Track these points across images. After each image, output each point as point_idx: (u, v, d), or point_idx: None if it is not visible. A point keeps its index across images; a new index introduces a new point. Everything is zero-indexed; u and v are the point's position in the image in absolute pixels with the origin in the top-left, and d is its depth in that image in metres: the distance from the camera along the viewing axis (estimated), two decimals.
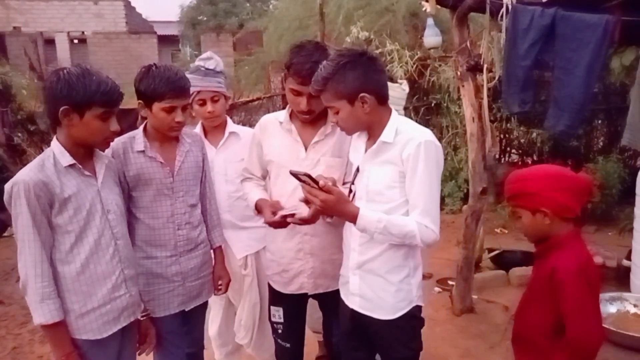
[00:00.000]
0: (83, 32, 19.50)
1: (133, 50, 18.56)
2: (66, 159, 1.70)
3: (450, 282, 3.97)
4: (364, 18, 8.49)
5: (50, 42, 18.74)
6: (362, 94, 1.70)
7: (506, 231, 5.38)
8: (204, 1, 24.27)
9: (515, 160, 6.28)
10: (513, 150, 6.34)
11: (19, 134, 6.29)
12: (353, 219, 1.69)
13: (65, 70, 1.66)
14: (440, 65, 5.56)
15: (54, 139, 1.74)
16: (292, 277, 2.13)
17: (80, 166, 1.73)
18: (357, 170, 1.83)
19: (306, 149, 2.04)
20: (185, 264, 2.09)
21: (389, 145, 1.75)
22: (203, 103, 2.42)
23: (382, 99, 1.76)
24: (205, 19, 23.68)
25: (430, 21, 3.16)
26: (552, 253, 1.64)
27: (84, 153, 1.77)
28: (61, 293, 1.69)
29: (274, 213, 1.97)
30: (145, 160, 1.99)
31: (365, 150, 1.83)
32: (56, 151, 1.70)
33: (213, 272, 2.26)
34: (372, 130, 1.80)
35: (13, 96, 6.65)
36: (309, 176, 1.65)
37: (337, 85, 1.70)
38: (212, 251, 2.27)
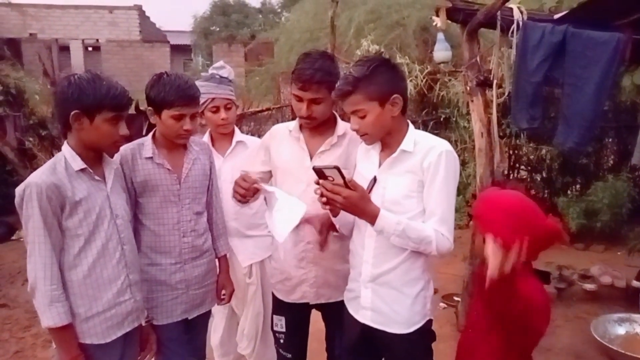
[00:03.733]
0: (97, 40, 19.75)
1: (145, 58, 18.73)
2: (77, 163, 1.73)
3: (455, 298, 3.94)
4: (374, 31, 8.55)
5: (64, 49, 18.99)
6: (395, 95, 1.71)
7: None
8: (217, 12, 24.55)
9: (524, 177, 6.24)
10: (522, 167, 6.30)
11: (30, 139, 6.36)
12: (373, 218, 1.67)
13: (76, 76, 1.70)
14: (449, 80, 5.56)
15: (65, 143, 1.77)
16: (294, 285, 2.13)
17: (91, 170, 1.76)
18: (374, 180, 1.82)
19: (312, 158, 2.05)
20: (189, 271, 2.09)
21: (409, 154, 1.76)
22: (217, 110, 2.46)
23: (406, 106, 1.78)
24: (217, 29, 23.92)
25: (440, 36, 3.17)
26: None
27: (94, 158, 1.80)
28: (68, 297, 1.70)
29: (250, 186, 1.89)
30: (153, 167, 2.00)
31: (380, 160, 1.83)
32: (67, 155, 1.73)
33: (217, 281, 2.26)
34: (391, 139, 1.80)
35: (26, 101, 6.75)
36: (338, 169, 1.59)
37: (369, 85, 1.70)
38: (216, 260, 2.27)
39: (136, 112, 2.40)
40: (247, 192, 1.91)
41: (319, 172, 1.63)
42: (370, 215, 1.68)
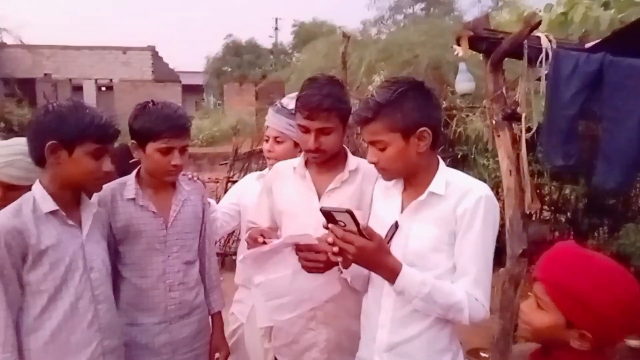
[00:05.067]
0: (111, 80, 20.10)
1: (157, 97, 18.79)
2: (48, 205, 1.47)
3: (482, 354, 3.56)
4: (386, 70, 8.44)
5: (78, 89, 19.29)
6: (422, 128, 1.43)
7: None
8: (229, 52, 25.02)
9: (548, 218, 5.89)
10: (544, 207, 5.96)
11: None
12: (392, 275, 1.36)
13: (55, 103, 1.48)
14: (467, 116, 5.33)
15: (36, 181, 1.52)
16: (302, 350, 1.81)
17: (63, 213, 1.50)
18: (395, 226, 1.51)
19: (320, 197, 1.76)
20: (176, 332, 1.79)
21: (439, 198, 1.46)
22: (267, 140, 2.21)
23: (437, 140, 1.49)
24: (229, 69, 24.30)
25: (462, 66, 2.93)
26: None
27: (70, 199, 1.54)
28: None
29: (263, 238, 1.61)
30: (135, 210, 1.74)
31: (402, 203, 1.53)
32: (37, 195, 1.49)
33: (210, 343, 1.94)
34: (416, 178, 1.51)
35: None
36: (351, 213, 1.28)
37: (392, 114, 1.42)
38: (209, 317, 1.96)
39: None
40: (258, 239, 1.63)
41: (328, 216, 1.33)
42: (389, 271, 1.36)
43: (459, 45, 2.89)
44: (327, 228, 1.33)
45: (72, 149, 1.47)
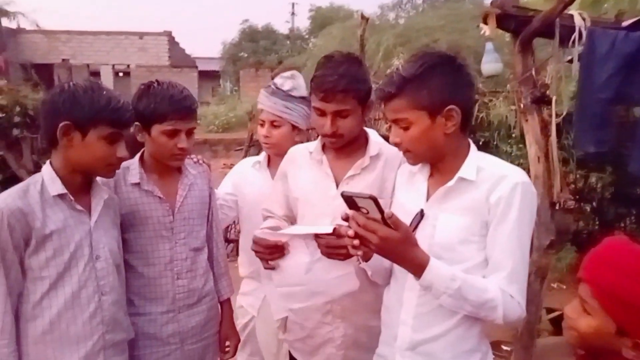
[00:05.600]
0: (128, 66, 20.14)
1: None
2: (56, 187, 1.41)
3: (505, 347, 3.44)
4: (403, 55, 8.26)
5: (96, 74, 19.38)
6: (450, 106, 1.29)
7: (564, 286, 4.78)
8: (245, 38, 24.84)
9: (572, 207, 5.69)
10: (569, 196, 5.77)
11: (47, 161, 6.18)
12: (418, 269, 1.22)
13: (71, 83, 1.41)
14: (490, 100, 5.14)
15: (47, 163, 1.46)
16: (317, 345, 1.71)
17: (71, 198, 1.42)
18: (421, 215, 1.37)
19: (338, 185, 1.64)
20: (184, 322, 1.71)
21: (470, 184, 1.32)
22: (262, 124, 2.06)
23: (467, 121, 1.36)
24: (245, 55, 24.14)
25: (489, 46, 2.76)
26: None
27: (81, 183, 1.47)
28: (20, 357, 1.36)
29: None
30: (140, 195, 1.65)
31: (428, 190, 1.40)
32: (46, 177, 1.42)
33: (219, 332, 1.86)
34: (444, 162, 1.38)
35: None
36: (375, 200, 1.15)
37: (418, 89, 1.29)
38: (219, 306, 1.88)
39: None
40: (271, 253, 1.52)
41: (349, 201, 1.20)
42: (415, 264, 1.23)
43: (485, 24, 2.73)
44: (346, 219, 1.21)
45: (86, 132, 1.40)
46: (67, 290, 1.41)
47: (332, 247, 1.38)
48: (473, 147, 1.39)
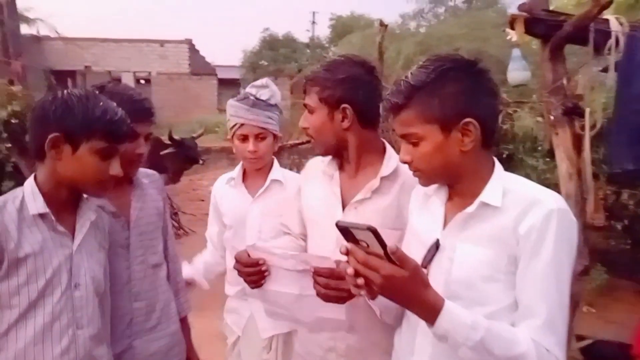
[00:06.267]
0: (149, 73, 20.37)
1: (192, 90, 19.19)
2: (37, 206, 1.26)
3: None
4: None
5: (117, 81, 19.64)
6: (466, 120, 1.10)
7: (594, 310, 4.50)
8: (266, 47, 24.97)
9: (602, 225, 5.40)
10: (603, 216, 5.49)
11: None
12: (431, 314, 1.01)
13: (65, 91, 1.28)
14: (515, 111, 4.90)
15: (31, 177, 1.32)
16: None
17: (53, 218, 1.27)
18: (436, 246, 1.18)
19: (344, 207, 1.46)
20: (142, 348, 1.55)
21: (495, 210, 1.12)
22: (245, 139, 1.92)
23: (490, 137, 1.15)
24: (266, 63, 24.23)
25: (516, 52, 2.55)
26: None
27: (66, 200, 1.33)
28: None
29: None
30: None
31: (446, 216, 1.21)
32: (27, 193, 1.28)
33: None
34: (462, 184, 1.18)
35: None
36: (374, 232, 0.96)
37: (428, 99, 1.11)
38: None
39: (170, 141, 1.95)
40: (255, 275, 1.35)
41: (346, 232, 1.01)
42: (426, 308, 1.01)
43: (512, 29, 2.53)
44: (346, 254, 1.01)
45: (77, 145, 1.28)
46: (37, 321, 1.25)
47: (331, 289, 1.20)
48: (498, 165, 1.19)
